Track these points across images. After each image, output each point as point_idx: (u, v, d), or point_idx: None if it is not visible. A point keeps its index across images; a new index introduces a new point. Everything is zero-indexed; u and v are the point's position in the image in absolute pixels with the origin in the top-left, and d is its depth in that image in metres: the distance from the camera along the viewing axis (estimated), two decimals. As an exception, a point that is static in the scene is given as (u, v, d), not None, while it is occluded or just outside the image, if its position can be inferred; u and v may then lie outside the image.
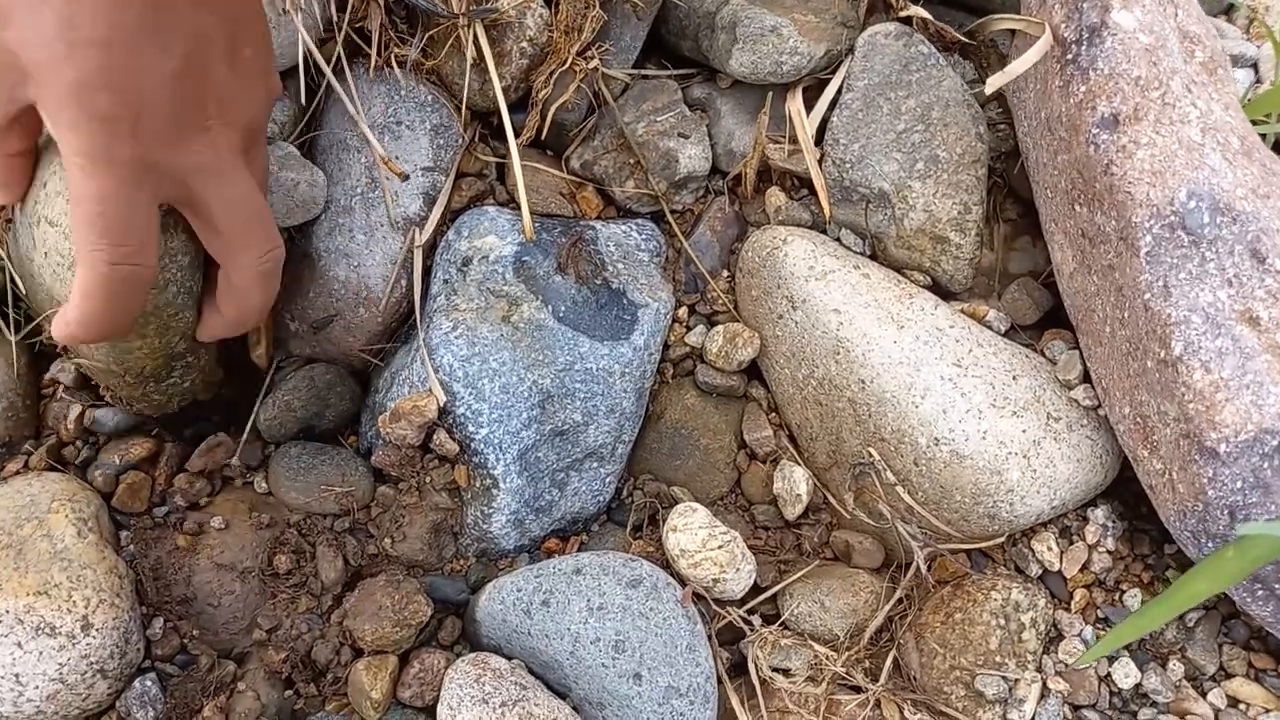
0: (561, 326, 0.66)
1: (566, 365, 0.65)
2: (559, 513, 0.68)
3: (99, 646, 0.56)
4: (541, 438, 0.65)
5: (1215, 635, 0.63)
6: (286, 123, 0.67)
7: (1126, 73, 0.56)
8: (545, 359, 0.65)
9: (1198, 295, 0.53)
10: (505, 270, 0.67)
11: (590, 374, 0.66)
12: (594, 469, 0.68)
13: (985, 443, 0.61)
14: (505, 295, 0.66)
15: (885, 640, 0.65)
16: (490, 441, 0.63)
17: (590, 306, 0.67)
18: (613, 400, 0.67)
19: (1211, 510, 0.53)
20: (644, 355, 0.68)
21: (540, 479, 0.66)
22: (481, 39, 0.67)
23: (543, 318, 0.66)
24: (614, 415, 0.67)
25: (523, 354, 0.64)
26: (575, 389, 0.65)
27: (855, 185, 0.69)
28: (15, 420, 0.65)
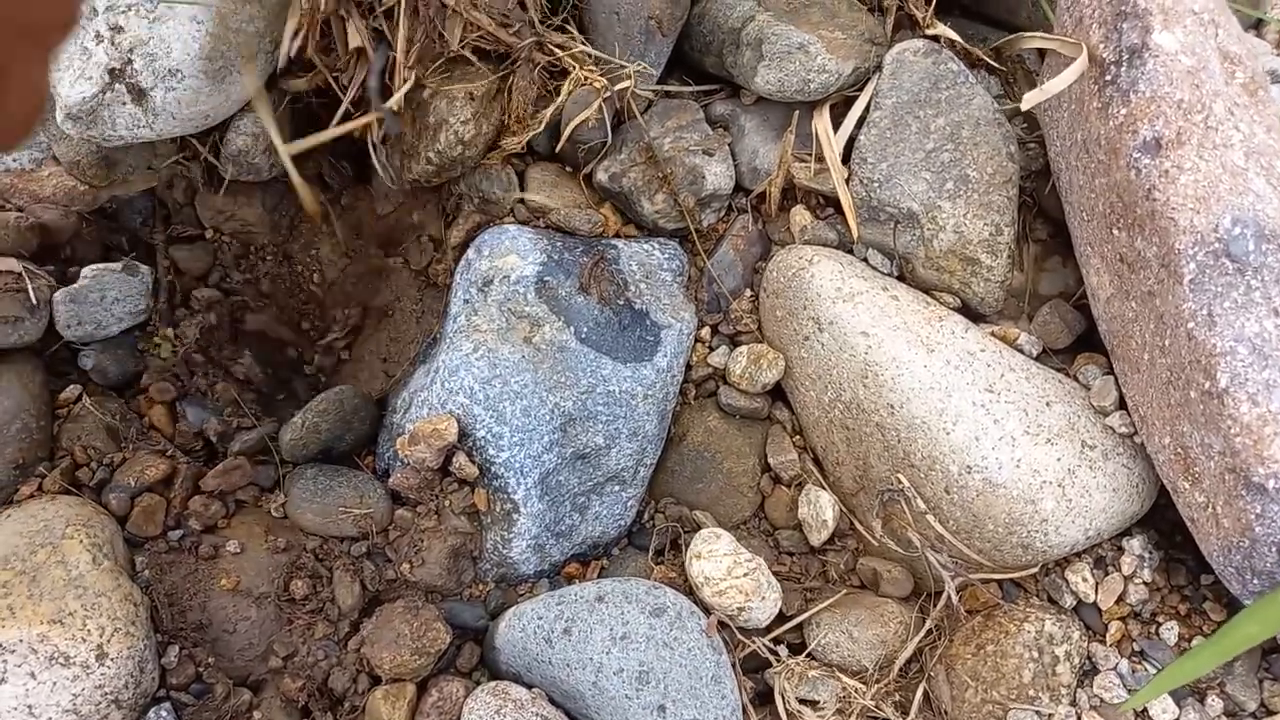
0: (584, 348, 0.65)
1: (589, 388, 0.64)
2: (579, 537, 0.67)
3: (114, 676, 0.55)
4: (563, 461, 0.64)
5: (1255, 671, 0.62)
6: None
7: (1169, 95, 0.54)
8: (567, 381, 0.63)
9: (1243, 325, 0.51)
10: (527, 290, 0.66)
11: (613, 396, 0.64)
12: (615, 492, 0.67)
13: (1019, 471, 0.60)
14: (527, 316, 0.65)
15: (915, 672, 0.64)
16: (511, 465, 0.62)
17: (613, 328, 0.66)
18: (635, 423, 0.65)
19: (1259, 547, 0.52)
20: (667, 377, 0.67)
21: (561, 503, 0.65)
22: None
23: (565, 339, 0.65)
24: (636, 438, 0.66)
25: (545, 376, 0.63)
26: (597, 411, 0.64)
27: (883, 205, 0.68)
28: (29, 442, 0.64)
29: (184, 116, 0.64)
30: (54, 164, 0.70)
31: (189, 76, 0.63)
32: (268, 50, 0.66)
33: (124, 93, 0.64)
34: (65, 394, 0.67)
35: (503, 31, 0.67)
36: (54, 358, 0.68)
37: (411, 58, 0.66)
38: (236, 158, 0.69)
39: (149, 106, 0.64)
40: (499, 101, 0.70)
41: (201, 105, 0.64)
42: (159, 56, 0.63)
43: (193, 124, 0.65)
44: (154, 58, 0.63)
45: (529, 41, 0.67)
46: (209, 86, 0.64)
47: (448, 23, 0.67)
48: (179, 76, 0.63)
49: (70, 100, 0.64)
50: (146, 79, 0.64)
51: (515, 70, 0.68)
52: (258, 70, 0.66)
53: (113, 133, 0.64)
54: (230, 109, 0.67)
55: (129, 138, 0.65)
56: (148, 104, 0.64)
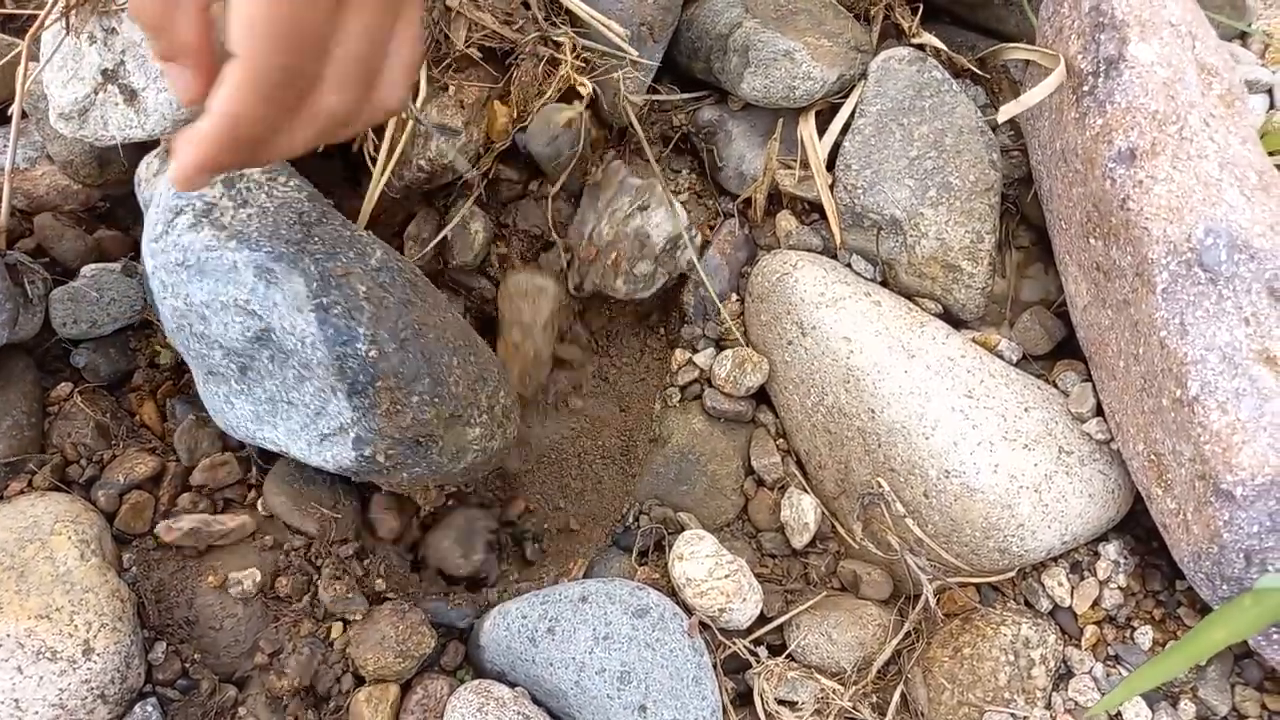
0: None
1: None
2: None
3: (100, 671, 0.56)
4: None
5: (1228, 676, 0.62)
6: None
7: (1144, 106, 0.55)
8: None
9: (1215, 334, 0.52)
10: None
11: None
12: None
13: (997, 476, 0.61)
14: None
15: (893, 674, 0.64)
16: None
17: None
18: None
19: (1227, 554, 0.52)
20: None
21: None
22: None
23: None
24: None
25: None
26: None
27: (867, 211, 0.69)
28: (20, 438, 0.64)
29: (175, 117, 0.65)
30: (48, 163, 0.71)
31: (181, 78, 0.64)
32: (259, 53, 0.67)
33: (116, 93, 0.65)
34: (57, 391, 0.67)
35: (506, 29, 0.68)
36: (46, 355, 0.69)
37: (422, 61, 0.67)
38: (228, 159, 0.70)
39: (140, 107, 0.65)
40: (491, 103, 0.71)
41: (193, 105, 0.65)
42: (150, 57, 0.64)
43: (184, 124, 0.66)
44: (145, 59, 0.64)
45: (532, 36, 0.68)
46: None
47: (452, 24, 0.67)
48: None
49: (63, 100, 0.65)
50: (138, 80, 0.64)
51: (519, 65, 0.69)
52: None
53: (104, 132, 0.65)
54: (222, 111, 0.68)
55: (121, 138, 0.65)
56: (139, 104, 0.65)
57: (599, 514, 0.74)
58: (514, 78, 0.70)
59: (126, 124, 0.65)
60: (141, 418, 0.70)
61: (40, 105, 0.69)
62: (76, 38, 0.65)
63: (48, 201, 0.71)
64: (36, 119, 0.70)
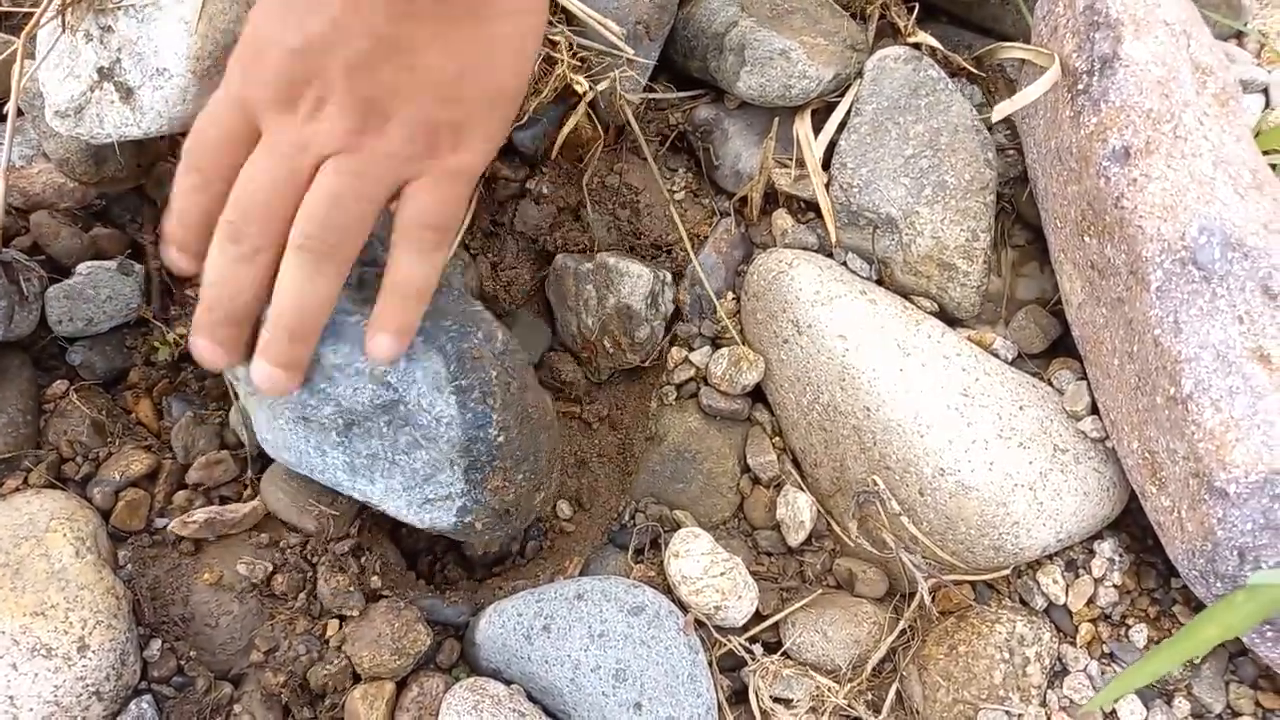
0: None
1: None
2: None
3: (95, 668, 0.56)
4: None
5: (1222, 673, 0.63)
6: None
7: (1138, 105, 0.55)
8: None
9: (1208, 332, 0.52)
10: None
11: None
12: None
13: (992, 474, 0.61)
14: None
15: (888, 672, 0.64)
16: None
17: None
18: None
19: (1221, 551, 0.52)
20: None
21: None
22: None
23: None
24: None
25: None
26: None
27: (862, 210, 0.69)
28: (16, 436, 0.64)
29: (171, 115, 0.65)
30: (44, 160, 0.71)
31: (176, 76, 0.64)
32: (255, 51, 0.67)
33: (112, 91, 0.65)
34: (52, 389, 0.68)
35: None
36: (42, 353, 0.69)
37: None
38: (224, 157, 0.70)
39: (136, 105, 0.65)
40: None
41: (189, 104, 0.65)
42: (147, 55, 0.64)
43: (180, 123, 0.66)
44: (141, 57, 0.64)
45: None
46: (196, 86, 0.65)
47: None
48: (166, 75, 0.64)
49: (59, 98, 0.65)
50: (134, 78, 0.64)
51: None
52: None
53: (100, 130, 0.65)
54: (218, 109, 0.68)
55: (116, 135, 0.65)
56: (135, 102, 0.65)
57: (595, 512, 0.74)
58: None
59: (123, 122, 0.65)
60: (137, 415, 0.70)
61: (36, 103, 0.69)
62: (72, 35, 0.65)
63: (44, 199, 0.71)
64: (32, 116, 0.70)
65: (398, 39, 0.45)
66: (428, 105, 0.47)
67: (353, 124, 0.47)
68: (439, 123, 0.47)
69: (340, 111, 0.46)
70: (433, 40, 0.46)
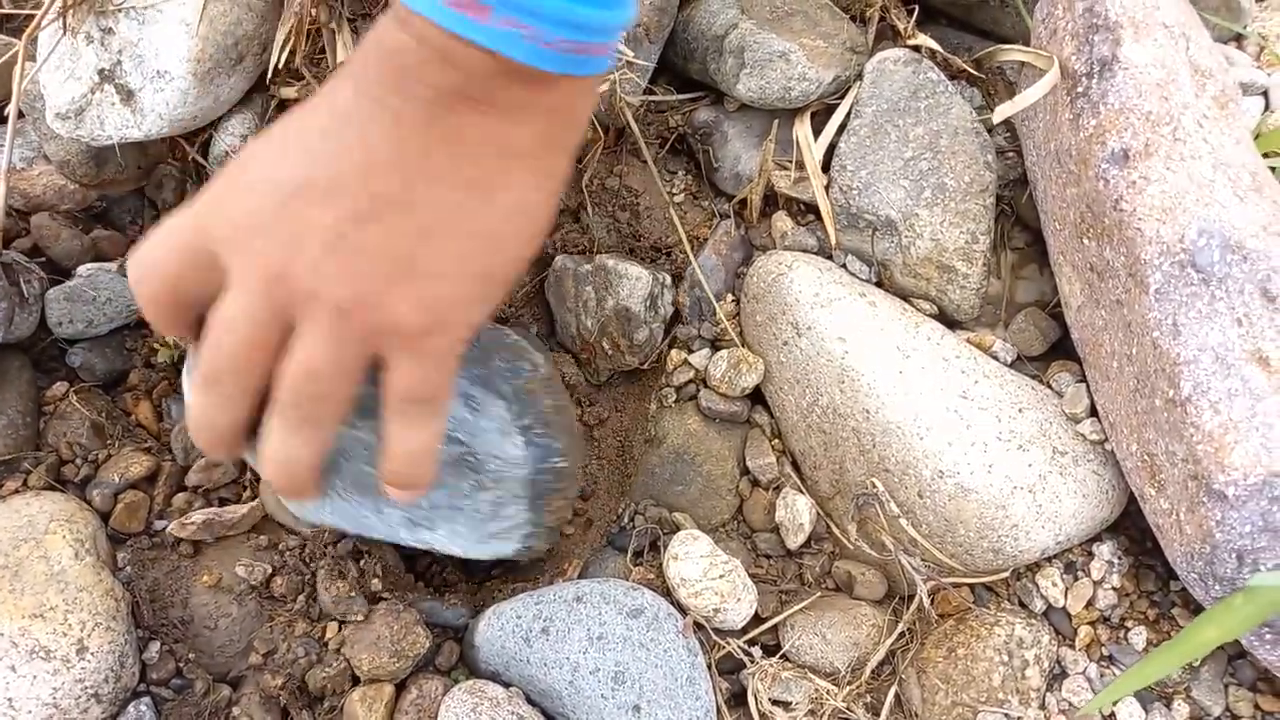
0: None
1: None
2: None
3: (94, 670, 0.56)
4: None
5: (1221, 676, 0.62)
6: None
7: (1137, 107, 0.55)
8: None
9: (1207, 334, 0.52)
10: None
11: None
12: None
13: (991, 476, 0.61)
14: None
15: (887, 674, 0.64)
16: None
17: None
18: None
19: (1219, 553, 0.52)
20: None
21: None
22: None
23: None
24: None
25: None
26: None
27: (862, 212, 0.69)
28: (15, 437, 0.64)
29: (172, 117, 0.65)
30: (44, 163, 0.71)
31: (177, 78, 0.64)
32: (256, 53, 0.67)
33: (113, 93, 0.65)
34: (52, 391, 0.68)
35: None
36: (42, 354, 0.69)
37: None
38: (224, 159, 0.70)
39: (137, 107, 0.65)
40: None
41: (189, 106, 0.65)
42: (147, 58, 0.64)
43: (180, 125, 0.66)
44: (142, 59, 0.64)
45: None
46: (197, 88, 0.65)
47: None
48: (167, 78, 0.64)
49: (59, 100, 0.65)
50: (135, 80, 0.65)
51: None
52: (245, 73, 0.67)
53: (101, 132, 0.65)
54: (218, 110, 0.68)
55: (117, 137, 0.66)
56: (136, 104, 0.65)
57: (594, 514, 0.74)
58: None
59: (123, 124, 0.65)
60: (137, 417, 0.70)
61: (37, 105, 0.69)
62: (73, 37, 0.66)
63: (44, 201, 0.71)
64: (33, 119, 0.70)
65: (397, 200, 0.40)
66: (419, 278, 0.41)
67: (335, 290, 0.41)
68: (430, 298, 0.42)
69: (321, 275, 0.41)
70: (436, 205, 0.41)
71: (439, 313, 0.43)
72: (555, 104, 0.41)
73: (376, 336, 0.42)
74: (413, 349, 0.43)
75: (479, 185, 0.41)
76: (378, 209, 0.40)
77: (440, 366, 0.45)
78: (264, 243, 0.41)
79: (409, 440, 0.46)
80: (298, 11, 0.66)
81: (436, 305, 0.42)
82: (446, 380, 0.46)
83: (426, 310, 0.42)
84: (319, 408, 0.44)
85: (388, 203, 0.40)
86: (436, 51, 0.38)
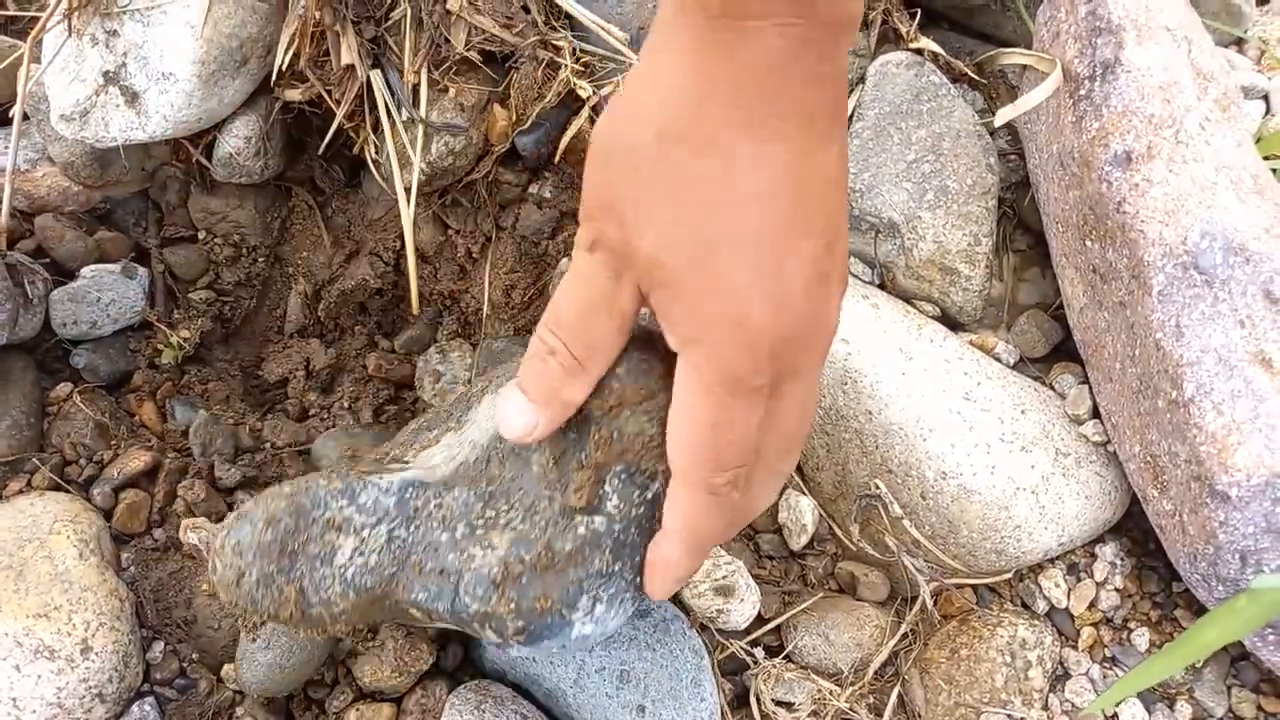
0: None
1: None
2: None
3: (98, 670, 0.56)
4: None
5: (1224, 677, 0.63)
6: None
7: (1140, 110, 0.55)
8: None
9: (1210, 336, 0.52)
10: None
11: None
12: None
13: (994, 478, 0.61)
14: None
15: (890, 675, 0.64)
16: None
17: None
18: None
19: (1222, 554, 0.53)
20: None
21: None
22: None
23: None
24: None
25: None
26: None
27: (864, 214, 0.69)
28: (19, 438, 0.64)
29: (176, 119, 0.65)
30: (49, 164, 0.71)
31: (182, 80, 0.64)
32: (260, 55, 0.67)
33: (117, 95, 0.65)
34: (56, 391, 0.68)
35: (505, 32, 0.68)
36: (46, 355, 0.69)
37: (419, 64, 0.67)
38: (228, 160, 0.70)
39: (142, 109, 0.65)
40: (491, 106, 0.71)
41: (194, 108, 0.66)
42: (152, 60, 0.64)
43: (185, 126, 0.66)
44: (147, 61, 0.64)
45: (532, 40, 0.68)
46: (201, 90, 0.65)
47: (452, 28, 0.68)
48: (172, 80, 0.64)
49: (64, 102, 0.66)
50: (140, 82, 0.65)
51: (519, 68, 0.69)
52: (249, 75, 0.67)
53: (105, 134, 0.66)
54: (223, 112, 0.68)
55: (121, 139, 0.66)
56: (140, 106, 0.65)
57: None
58: (513, 81, 0.70)
59: (128, 126, 0.65)
60: (141, 418, 0.70)
61: (41, 107, 0.69)
62: (79, 39, 0.66)
63: (48, 202, 0.71)
64: (38, 120, 0.70)
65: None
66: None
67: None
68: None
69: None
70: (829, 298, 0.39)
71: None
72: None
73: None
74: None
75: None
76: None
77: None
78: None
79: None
80: (302, 14, 0.66)
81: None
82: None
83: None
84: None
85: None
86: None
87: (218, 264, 0.76)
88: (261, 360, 0.80)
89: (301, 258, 0.80)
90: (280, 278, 0.80)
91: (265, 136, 0.70)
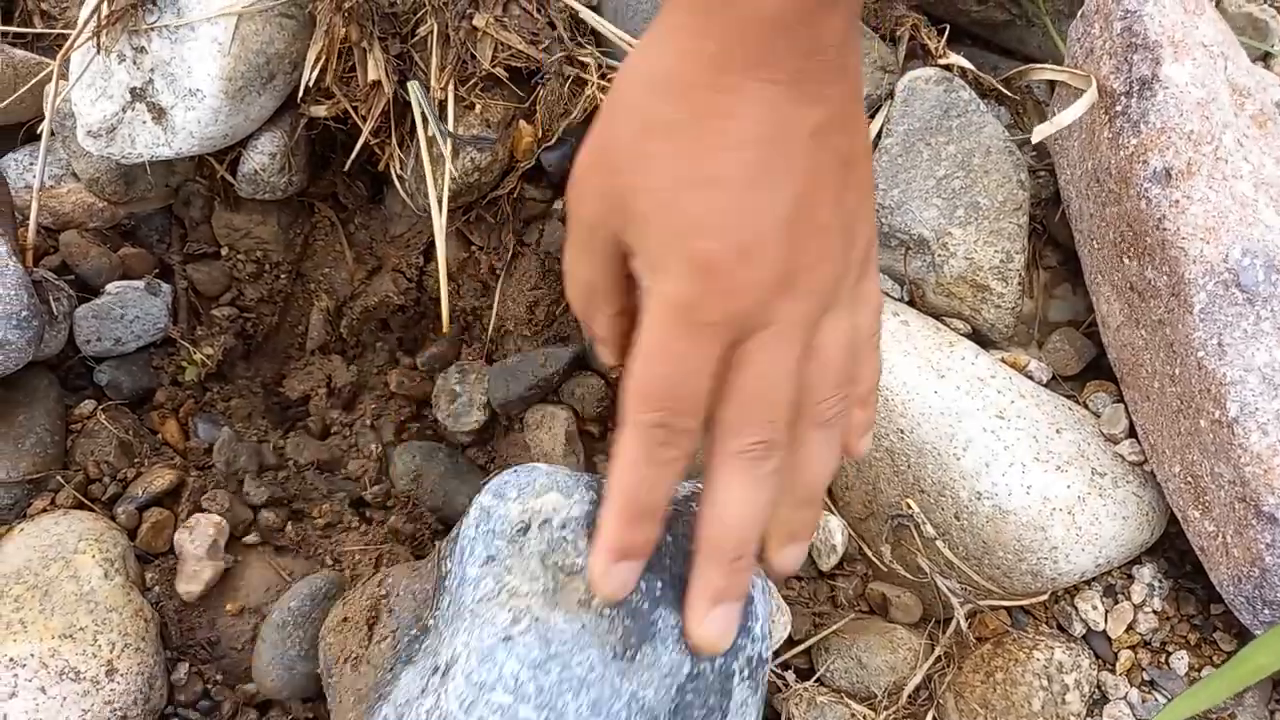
0: (664, 610, 0.44)
1: (673, 668, 0.44)
2: None
3: (123, 692, 0.55)
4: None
5: (1267, 702, 0.61)
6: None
7: (1179, 127, 0.55)
8: (645, 660, 0.44)
9: (1253, 354, 0.52)
10: (577, 537, 0.46)
11: (705, 679, 0.45)
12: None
13: (1029, 498, 0.60)
14: (579, 572, 0.45)
15: (924, 699, 0.63)
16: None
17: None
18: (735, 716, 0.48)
19: (1269, 577, 0.52)
20: (763, 644, 0.49)
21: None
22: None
23: (635, 599, 0.45)
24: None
25: (615, 654, 0.43)
26: (690, 701, 0.45)
27: (894, 231, 0.68)
28: (43, 456, 0.64)
29: (203, 135, 0.65)
30: (73, 180, 0.71)
31: (209, 96, 0.64)
32: (287, 71, 0.67)
33: (144, 111, 0.65)
34: (80, 409, 0.67)
35: (531, 49, 0.68)
36: (69, 372, 0.69)
37: (446, 80, 0.67)
38: (253, 176, 0.70)
39: (168, 125, 0.65)
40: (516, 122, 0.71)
41: (220, 125, 0.65)
42: (179, 76, 0.64)
43: (211, 143, 0.66)
44: (174, 78, 0.64)
45: (558, 56, 0.68)
46: (228, 106, 0.65)
47: (479, 44, 0.68)
48: (199, 96, 0.64)
49: (91, 118, 0.65)
50: (167, 98, 0.65)
51: (545, 84, 0.69)
52: (275, 91, 0.67)
53: (132, 150, 0.65)
54: (248, 128, 0.68)
55: (148, 156, 0.66)
56: (167, 123, 0.65)
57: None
58: (539, 97, 0.70)
59: (154, 142, 0.65)
60: (164, 436, 0.70)
61: (67, 123, 0.69)
62: (106, 56, 0.66)
63: (73, 219, 0.71)
64: (63, 137, 0.70)
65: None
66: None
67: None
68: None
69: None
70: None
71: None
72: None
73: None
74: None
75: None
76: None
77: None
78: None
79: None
80: (329, 30, 0.66)
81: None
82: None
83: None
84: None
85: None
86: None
87: (240, 280, 0.76)
88: (283, 377, 0.79)
89: (324, 274, 0.79)
90: (302, 294, 0.80)
91: (290, 152, 0.70)
